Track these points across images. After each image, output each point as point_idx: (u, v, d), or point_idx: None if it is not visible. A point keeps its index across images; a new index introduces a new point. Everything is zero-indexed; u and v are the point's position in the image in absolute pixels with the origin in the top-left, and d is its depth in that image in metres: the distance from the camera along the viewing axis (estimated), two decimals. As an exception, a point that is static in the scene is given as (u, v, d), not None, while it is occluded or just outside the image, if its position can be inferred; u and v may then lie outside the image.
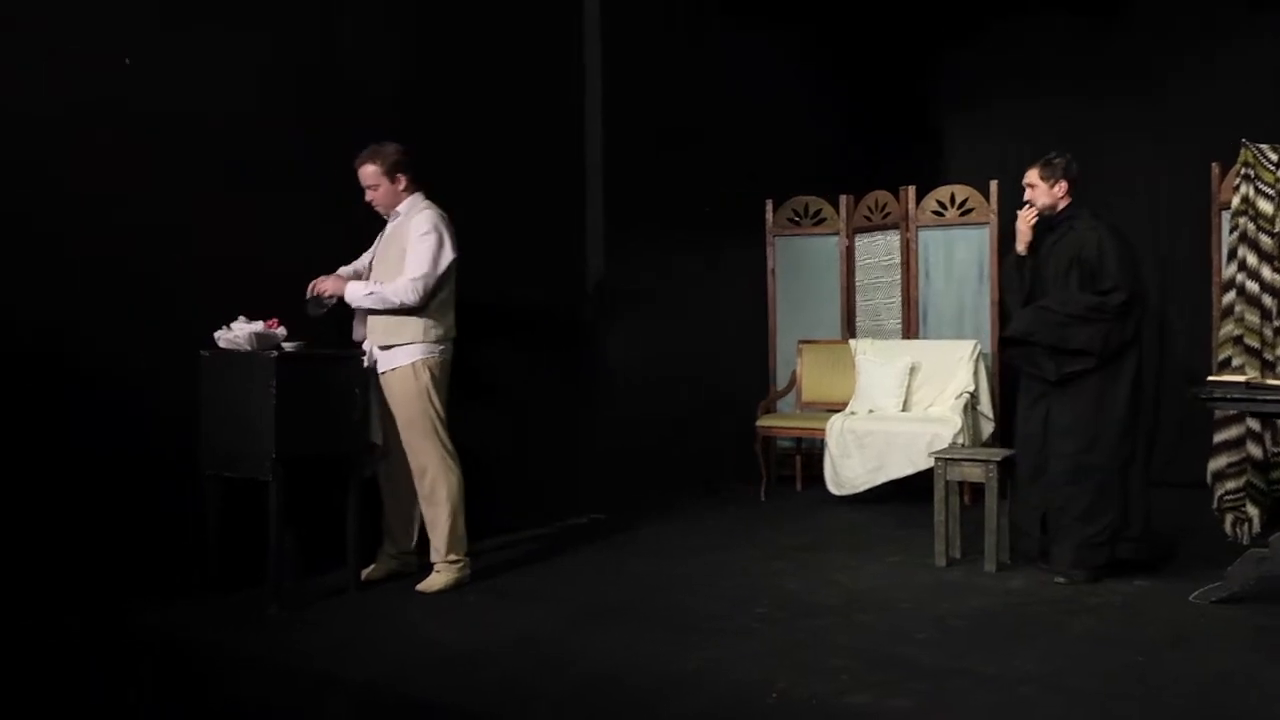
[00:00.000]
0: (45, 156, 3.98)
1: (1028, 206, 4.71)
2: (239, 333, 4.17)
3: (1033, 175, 4.71)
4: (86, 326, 4.06)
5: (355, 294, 4.44)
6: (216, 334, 4.21)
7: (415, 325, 4.43)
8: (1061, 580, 4.51)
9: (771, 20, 7.34)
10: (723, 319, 7.07)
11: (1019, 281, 4.73)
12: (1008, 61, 7.62)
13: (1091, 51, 7.29)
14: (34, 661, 3.80)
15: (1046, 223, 4.70)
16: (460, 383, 4.67)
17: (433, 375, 4.47)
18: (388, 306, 4.40)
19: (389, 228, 4.58)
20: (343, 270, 4.63)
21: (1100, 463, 4.50)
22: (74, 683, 3.87)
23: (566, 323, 6.09)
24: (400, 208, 4.54)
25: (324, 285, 4.47)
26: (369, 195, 4.53)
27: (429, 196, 4.56)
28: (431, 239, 4.41)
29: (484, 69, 5.57)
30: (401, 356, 4.45)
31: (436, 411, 4.48)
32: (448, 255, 4.46)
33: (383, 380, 4.49)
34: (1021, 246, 4.70)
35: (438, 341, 4.49)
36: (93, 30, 4.10)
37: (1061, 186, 4.66)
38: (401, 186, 4.52)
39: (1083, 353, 4.45)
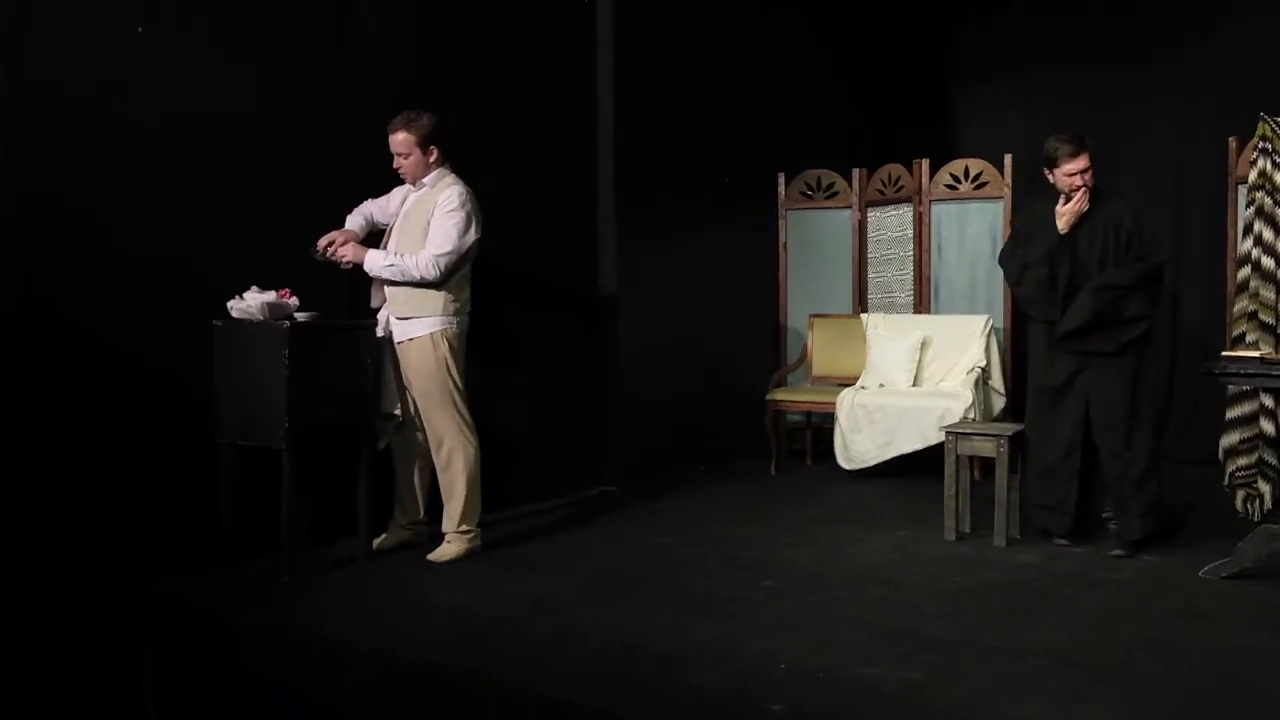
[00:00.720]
0: (58, 129, 3.97)
1: (1084, 191, 4.55)
2: (252, 302, 4.17)
3: (1085, 159, 4.57)
4: (100, 297, 4.06)
5: (375, 263, 4.41)
6: (229, 304, 4.21)
7: (436, 299, 4.43)
8: (1118, 554, 4.53)
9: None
10: (734, 293, 7.05)
11: (1055, 263, 4.56)
12: (1022, 35, 7.55)
13: (1107, 26, 7.22)
14: (48, 631, 3.84)
15: (1068, 199, 4.61)
16: (476, 356, 4.67)
17: (450, 346, 4.47)
18: (407, 279, 4.39)
19: (412, 197, 4.55)
20: (351, 220, 4.60)
21: (1144, 429, 4.55)
22: (88, 651, 3.91)
23: (581, 297, 6.08)
24: (427, 179, 4.51)
25: (345, 251, 4.44)
26: (398, 163, 4.48)
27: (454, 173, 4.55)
28: (459, 216, 4.39)
29: (498, 47, 5.53)
30: (420, 327, 4.45)
31: (455, 382, 4.49)
32: (473, 234, 4.45)
33: (400, 350, 4.49)
34: (1067, 229, 4.56)
35: (455, 314, 4.50)
36: (109, 7, 4.08)
37: (1096, 165, 4.62)
38: (432, 158, 4.48)
39: (1138, 319, 4.48)
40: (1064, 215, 4.58)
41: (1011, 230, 4.87)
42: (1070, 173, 4.59)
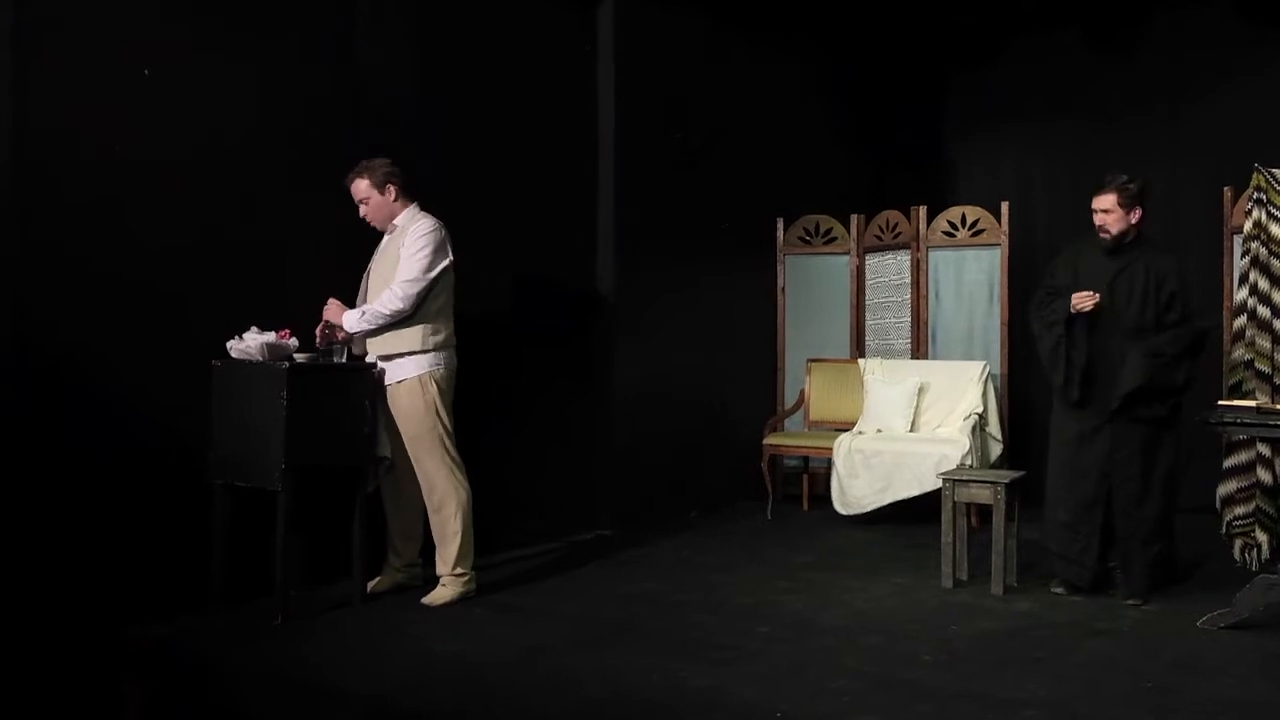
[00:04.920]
0: (62, 168, 4.00)
1: (1093, 300, 4.47)
2: (251, 343, 4.19)
3: (1108, 200, 4.53)
4: (99, 335, 4.07)
5: (351, 321, 4.44)
6: (229, 344, 4.22)
7: (413, 333, 4.43)
8: (1134, 602, 4.51)
9: (784, 39, 7.37)
10: (732, 337, 7.07)
11: (1058, 337, 4.55)
12: (1020, 83, 7.62)
13: (1103, 74, 7.30)
14: (40, 671, 3.81)
15: (1110, 249, 4.59)
16: (472, 398, 4.68)
17: (439, 388, 4.48)
18: (382, 322, 4.40)
19: (386, 239, 4.59)
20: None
21: (1163, 484, 4.55)
22: (80, 692, 3.88)
23: (577, 339, 6.10)
24: (398, 220, 4.55)
25: (328, 313, 4.46)
26: (362, 211, 4.55)
27: (436, 212, 4.58)
28: (423, 244, 4.43)
29: (499, 87, 5.59)
30: (408, 369, 4.45)
31: (444, 424, 4.48)
32: (440, 261, 4.46)
33: (389, 393, 4.49)
34: (1076, 311, 4.50)
35: (438, 349, 4.49)
36: (113, 44, 4.13)
37: (1136, 214, 4.56)
38: (392, 198, 4.53)
39: (1186, 386, 4.50)
40: (1076, 304, 4.51)
41: (1046, 279, 4.79)
42: (1093, 209, 4.60)
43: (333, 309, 4.47)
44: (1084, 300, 4.52)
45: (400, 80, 5.15)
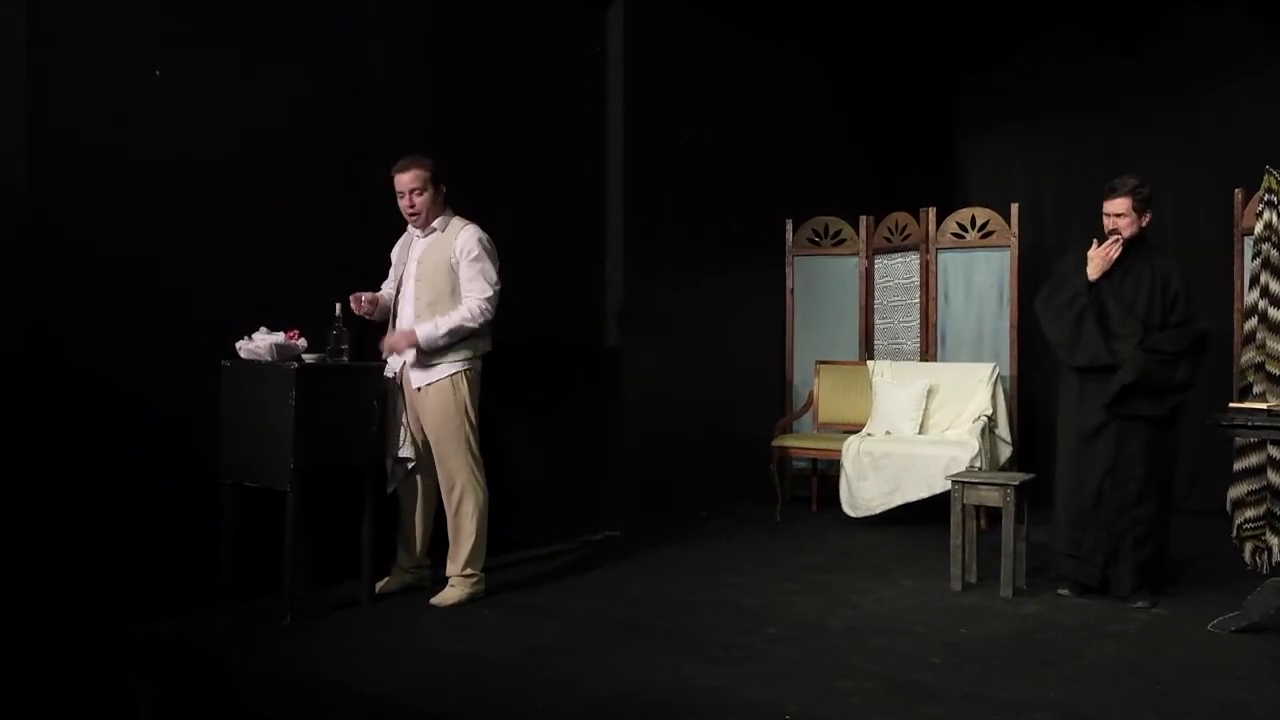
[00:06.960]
0: (73, 168, 4.02)
1: (1115, 238, 4.54)
2: (260, 343, 4.20)
3: (1122, 204, 4.56)
4: (109, 335, 4.09)
5: (430, 336, 4.39)
6: (238, 344, 4.24)
7: (463, 341, 4.46)
8: (1143, 605, 4.50)
9: (793, 41, 7.37)
10: (741, 338, 7.06)
11: (1083, 307, 4.55)
12: (1030, 84, 7.61)
13: (1114, 76, 7.28)
14: (48, 668, 3.82)
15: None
16: (481, 399, 4.68)
17: (470, 387, 4.49)
18: (468, 333, 4.42)
19: (421, 243, 4.55)
20: (374, 295, 4.60)
21: (1160, 485, 4.55)
22: (88, 690, 3.89)
23: (586, 341, 6.10)
24: (436, 222, 4.53)
25: (394, 341, 4.43)
26: (412, 200, 4.45)
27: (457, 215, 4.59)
28: (489, 254, 4.48)
29: (508, 92, 5.60)
30: (440, 370, 4.46)
31: (471, 425, 4.50)
32: (498, 267, 4.53)
33: (420, 394, 4.49)
34: (1096, 274, 4.55)
35: (474, 356, 4.51)
36: (124, 43, 4.15)
37: (1147, 217, 4.60)
38: (441, 196, 4.53)
39: (1185, 386, 4.49)
40: (1093, 260, 4.57)
41: (1053, 274, 4.84)
42: (1105, 213, 4.62)
43: (398, 336, 4.41)
44: (1109, 246, 4.53)
45: (410, 81, 5.15)
